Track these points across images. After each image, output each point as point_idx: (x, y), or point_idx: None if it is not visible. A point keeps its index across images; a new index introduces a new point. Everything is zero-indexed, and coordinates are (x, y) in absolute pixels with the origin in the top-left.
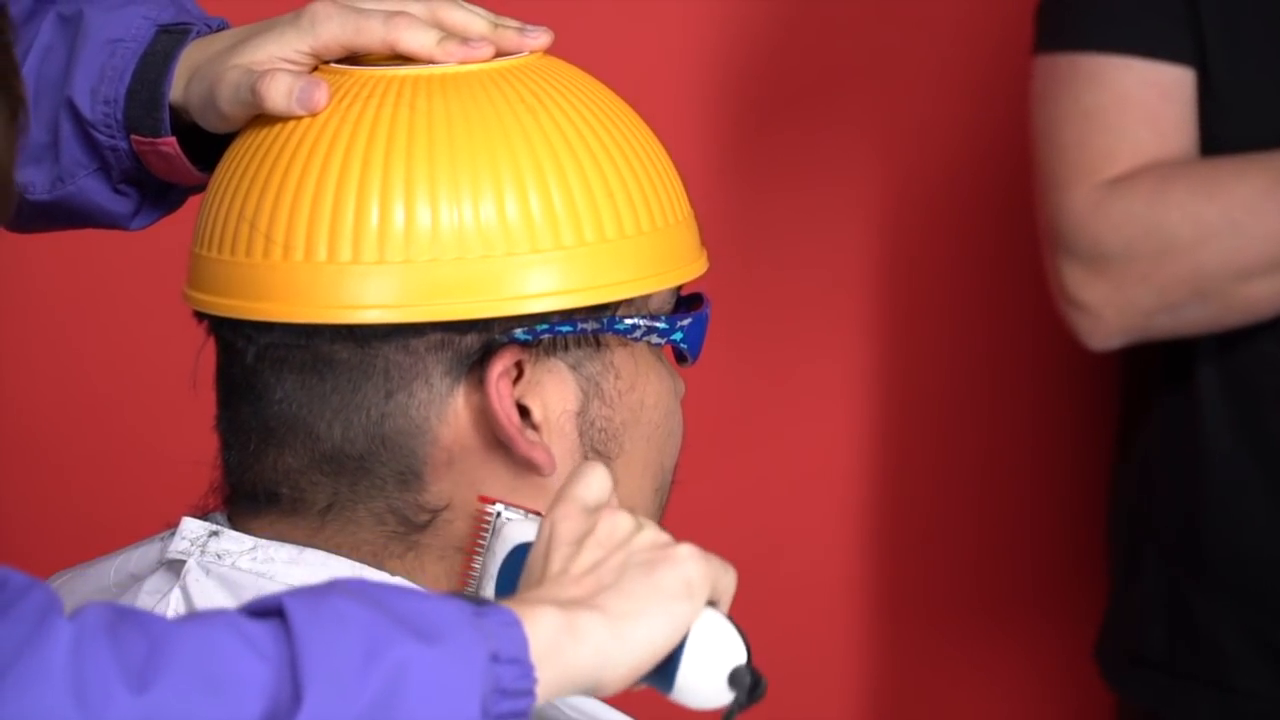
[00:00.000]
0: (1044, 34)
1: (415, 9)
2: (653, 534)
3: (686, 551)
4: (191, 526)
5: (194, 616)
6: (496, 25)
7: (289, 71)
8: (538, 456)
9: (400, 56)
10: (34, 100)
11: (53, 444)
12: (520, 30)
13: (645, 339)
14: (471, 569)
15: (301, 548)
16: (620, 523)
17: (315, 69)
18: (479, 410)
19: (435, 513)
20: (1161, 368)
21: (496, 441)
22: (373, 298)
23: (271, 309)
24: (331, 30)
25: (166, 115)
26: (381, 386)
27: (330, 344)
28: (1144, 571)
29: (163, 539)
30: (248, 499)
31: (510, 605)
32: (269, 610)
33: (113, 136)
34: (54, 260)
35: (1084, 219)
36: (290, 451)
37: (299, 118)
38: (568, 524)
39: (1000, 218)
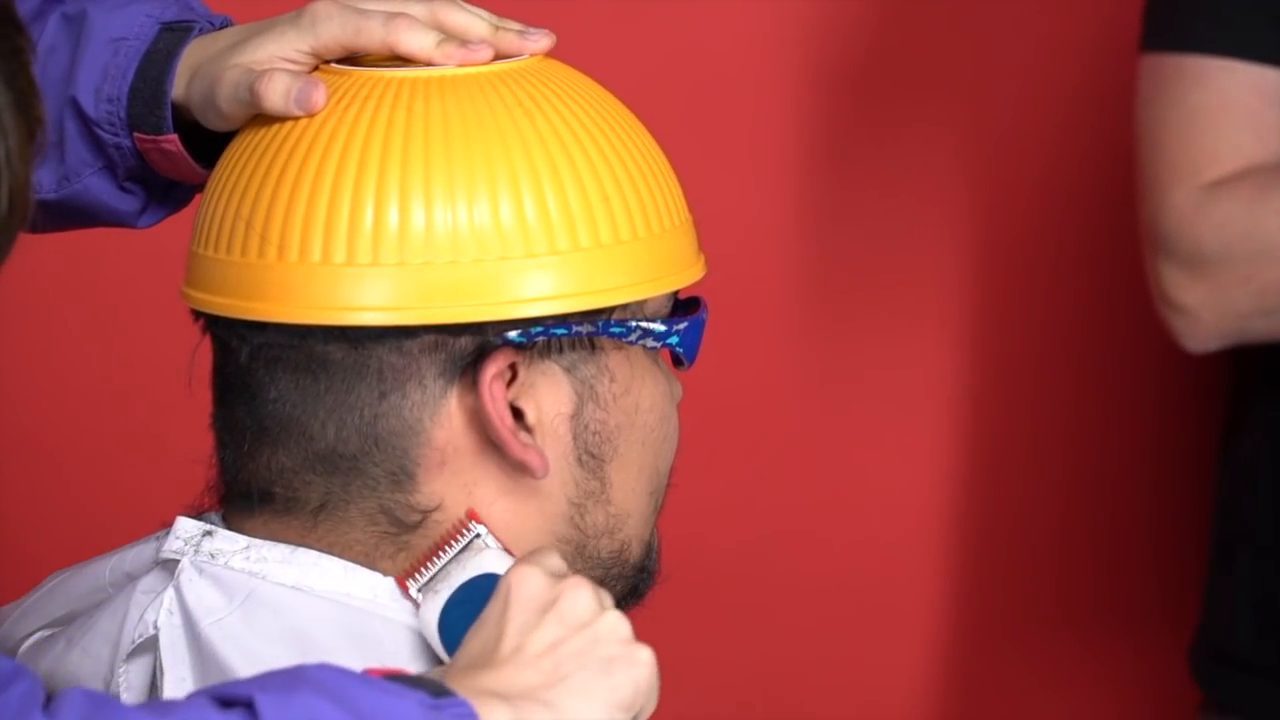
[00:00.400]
0: (1150, 33)
1: (416, 10)
2: (615, 622)
3: (646, 657)
4: (185, 526)
5: (164, 706)
6: (498, 28)
7: (288, 72)
8: (531, 459)
9: (400, 58)
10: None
11: (50, 441)
12: (521, 33)
13: (640, 342)
14: (428, 565)
15: (294, 547)
16: (583, 600)
17: (315, 69)
18: (472, 412)
19: (427, 513)
20: (1261, 370)
21: (490, 443)
22: (366, 299)
23: (266, 309)
24: (332, 30)
25: (169, 113)
26: (375, 387)
27: (324, 344)
28: (1237, 571)
29: (158, 538)
30: (242, 498)
31: (466, 693)
32: (238, 700)
33: (116, 134)
34: (52, 258)
35: (1184, 221)
36: (284, 451)
37: (297, 118)
38: (531, 585)
39: (1091, 220)
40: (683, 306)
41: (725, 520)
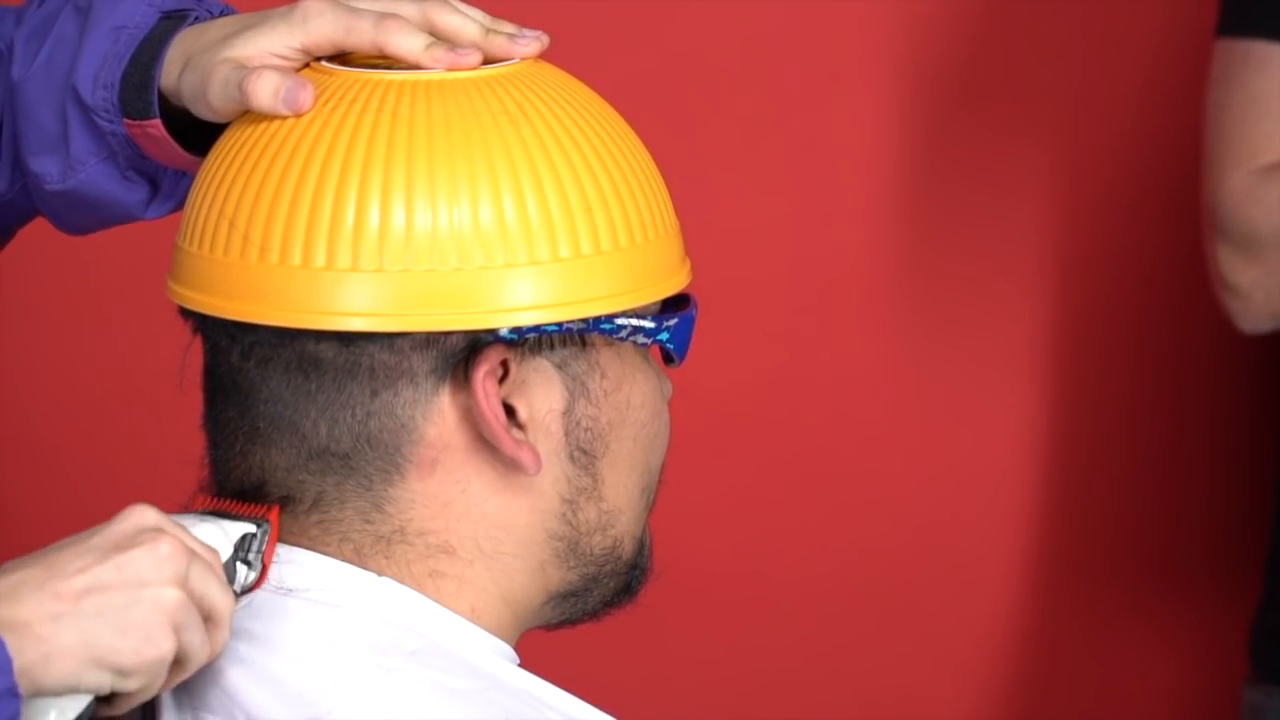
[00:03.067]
0: (1223, 18)
1: (408, 10)
2: (167, 597)
3: (166, 643)
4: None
5: None
6: (490, 30)
7: (277, 70)
8: (524, 456)
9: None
10: (46, 90)
11: (46, 441)
12: (512, 36)
13: (631, 339)
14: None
15: (289, 547)
16: (155, 559)
17: (306, 65)
18: (464, 409)
19: (418, 511)
20: None
21: (482, 441)
22: (347, 304)
23: (249, 309)
24: (323, 28)
25: (155, 98)
26: (367, 385)
27: (315, 343)
28: None
29: None
30: (237, 498)
31: None
32: None
33: (111, 121)
34: (49, 255)
35: (1239, 203)
36: (277, 449)
37: (285, 117)
38: (129, 522)
39: (1176, 215)
40: (672, 303)
41: (825, 512)
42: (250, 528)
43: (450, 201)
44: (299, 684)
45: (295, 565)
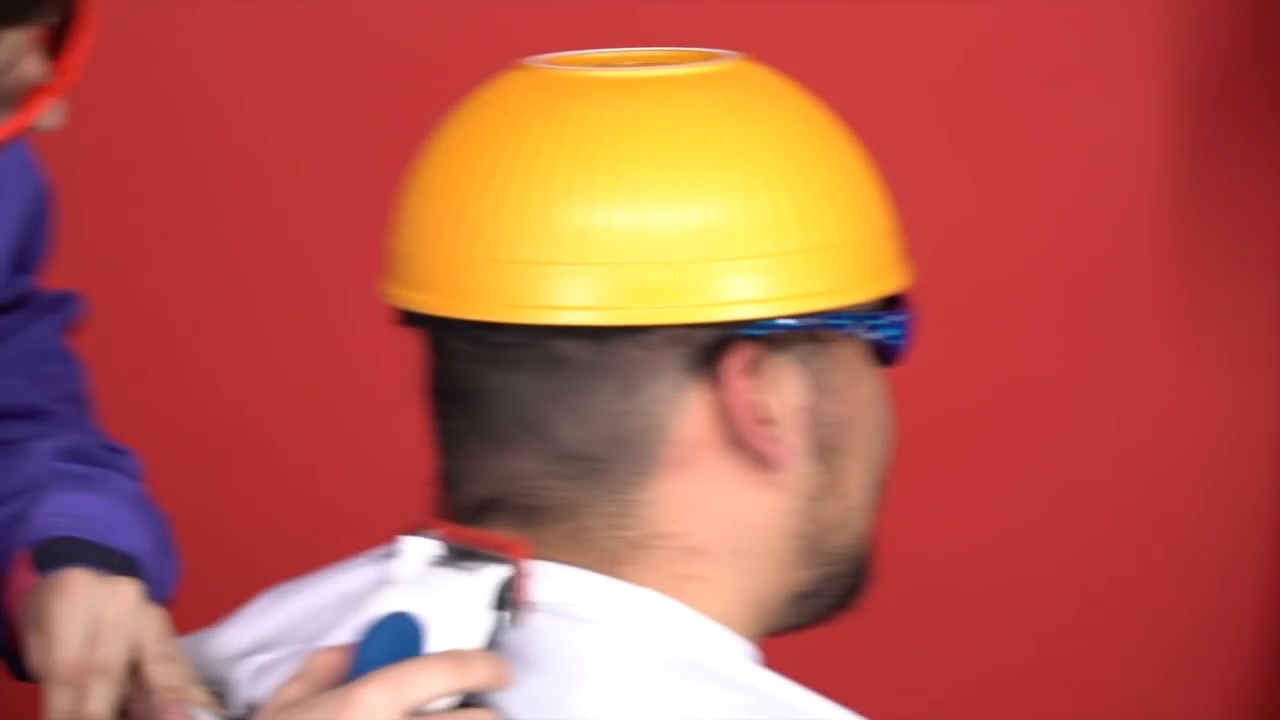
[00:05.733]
0: None
1: None
2: None
3: None
4: (417, 545)
5: None
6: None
7: None
8: (778, 452)
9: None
10: None
11: (253, 457)
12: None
13: (868, 335)
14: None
15: (540, 562)
16: None
17: (516, 68)
18: (714, 406)
19: (669, 513)
20: None
21: (730, 438)
22: (570, 298)
23: (492, 309)
24: None
25: None
26: (618, 384)
27: (565, 342)
28: None
29: (377, 558)
30: (475, 511)
31: None
32: None
33: None
34: (271, 261)
35: None
36: (524, 457)
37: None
38: (375, 707)
39: None
40: (888, 303)
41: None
42: (503, 570)
43: (679, 195)
44: (588, 712)
45: (546, 579)
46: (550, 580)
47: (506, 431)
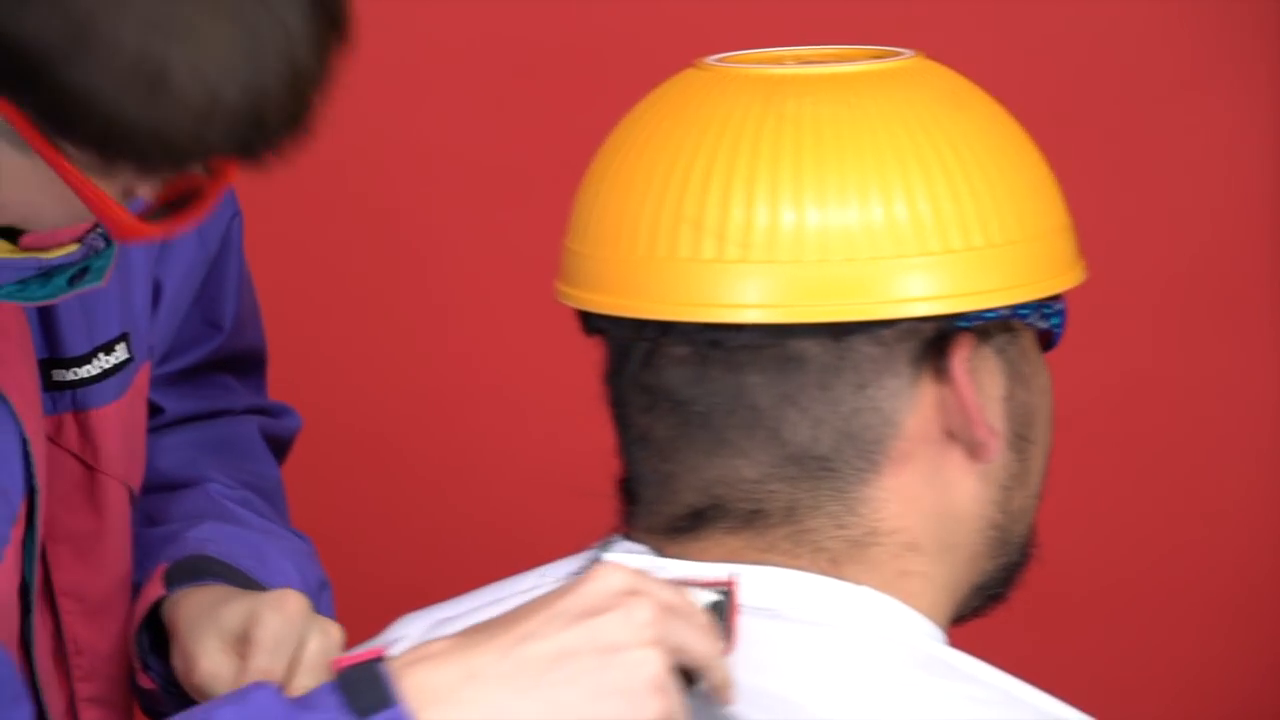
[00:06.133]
0: None
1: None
2: (646, 659)
3: (655, 712)
4: (630, 553)
5: None
6: None
7: None
8: (993, 442)
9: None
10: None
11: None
12: None
13: (1043, 324)
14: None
15: (760, 566)
16: (633, 622)
17: (692, 66)
18: (935, 398)
19: (890, 509)
20: None
21: (946, 430)
22: (750, 296)
23: (716, 311)
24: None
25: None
26: (853, 380)
27: (803, 341)
28: None
29: (577, 566)
30: (687, 519)
31: (432, 680)
32: None
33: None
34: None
35: None
36: (748, 460)
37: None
38: (601, 583)
39: None
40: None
41: None
42: (715, 597)
43: (861, 192)
44: (820, 713)
45: (765, 583)
46: (773, 584)
47: (730, 435)
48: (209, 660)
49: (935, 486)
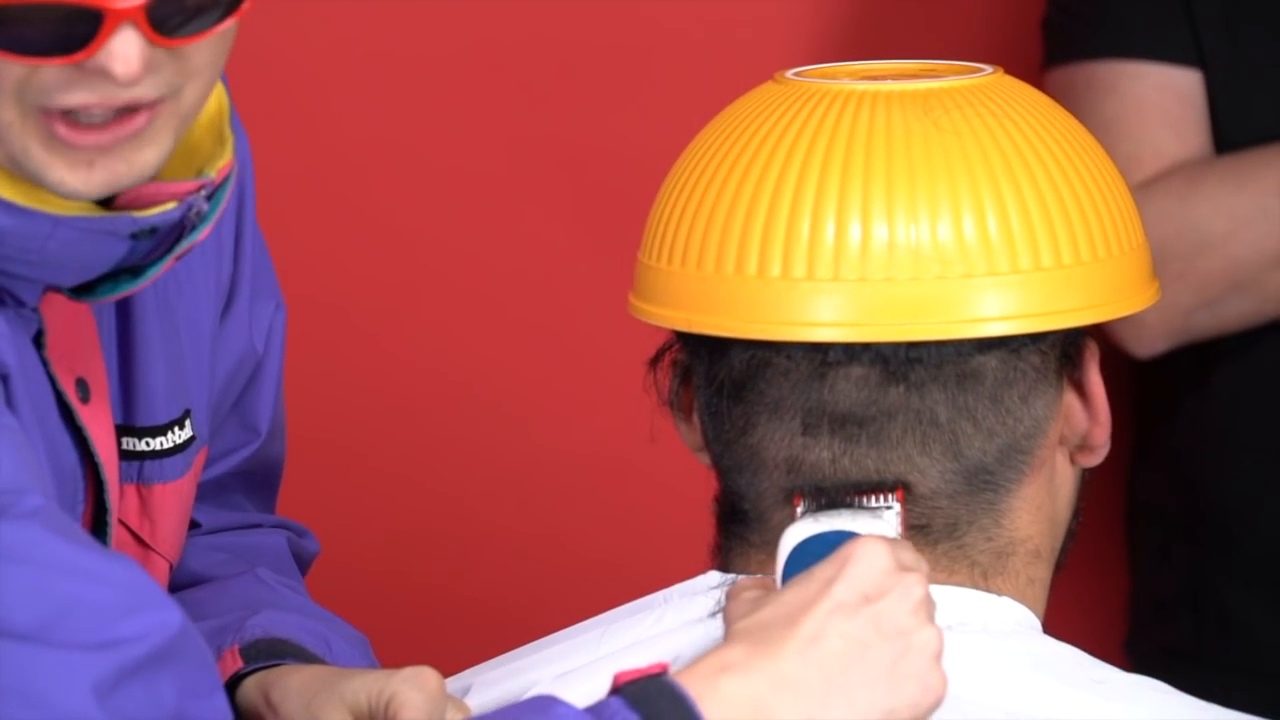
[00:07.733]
0: (1053, 47)
1: None
2: (931, 637)
3: (939, 683)
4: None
5: None
6: None
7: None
8: (1107, 445)
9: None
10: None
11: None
12: None
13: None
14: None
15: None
16: (911, 602)
17: (774, 79)
18: (1066, 405)
19: (1024, 518)
20: (1184, 368)
21: (1063, 436)
22: (827, 315)
23: (903, 329)
24: None
25: None
26: (1019, 392)
27: (982, 356)
28: (1172, 566)
29: (696, 596)
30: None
31: (728, 687)
32: None
33: None
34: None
35: None
36: (920, 478)
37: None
38: (869, 563)
39: None
40: None
41: None
42: (896, 511)
43: (933, 210)
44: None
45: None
46: (940, 604)
47: (903, 453)
48: None
49: (1053, 493)
